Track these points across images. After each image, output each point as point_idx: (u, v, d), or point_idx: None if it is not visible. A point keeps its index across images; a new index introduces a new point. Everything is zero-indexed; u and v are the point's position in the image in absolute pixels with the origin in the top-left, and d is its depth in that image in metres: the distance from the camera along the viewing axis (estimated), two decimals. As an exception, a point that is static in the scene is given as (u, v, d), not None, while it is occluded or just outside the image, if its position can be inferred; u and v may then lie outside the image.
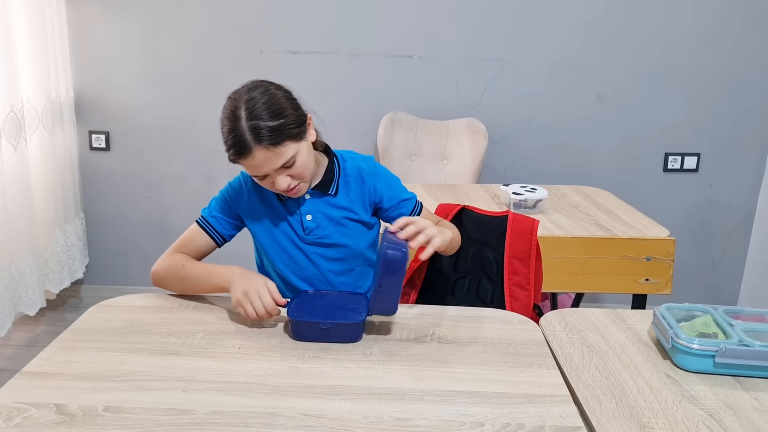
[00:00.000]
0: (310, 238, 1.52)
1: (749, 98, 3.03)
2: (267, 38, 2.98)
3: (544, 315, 1.46)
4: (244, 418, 1.04)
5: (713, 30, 2.95)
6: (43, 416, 1.03)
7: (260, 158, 1.35)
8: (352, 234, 1.54)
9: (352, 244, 1.54)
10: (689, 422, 1.06)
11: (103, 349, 1.25)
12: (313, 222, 1.51)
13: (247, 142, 1.33)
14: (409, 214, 1.58)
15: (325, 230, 1.52)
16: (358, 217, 1.54)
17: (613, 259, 2.05)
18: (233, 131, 1.35)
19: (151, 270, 1.51)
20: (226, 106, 1.40)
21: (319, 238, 1.52)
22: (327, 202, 1.52)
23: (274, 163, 1.36)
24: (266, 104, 1.36)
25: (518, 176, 3.11)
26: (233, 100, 1.39)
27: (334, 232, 1.52)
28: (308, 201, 1.51)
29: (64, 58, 2.95)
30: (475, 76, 3.02)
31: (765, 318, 1.33)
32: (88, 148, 3.12)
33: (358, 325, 1.32)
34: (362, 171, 1.55)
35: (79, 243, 3.12)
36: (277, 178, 1.39)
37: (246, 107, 1.36)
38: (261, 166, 1.36)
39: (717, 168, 3.12)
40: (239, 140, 1.34)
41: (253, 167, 1.38)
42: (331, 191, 1.52)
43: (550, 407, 1.10)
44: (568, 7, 2.94)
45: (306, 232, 1.51)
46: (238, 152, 1.35)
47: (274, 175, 1.39)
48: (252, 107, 1.35)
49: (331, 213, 1.52)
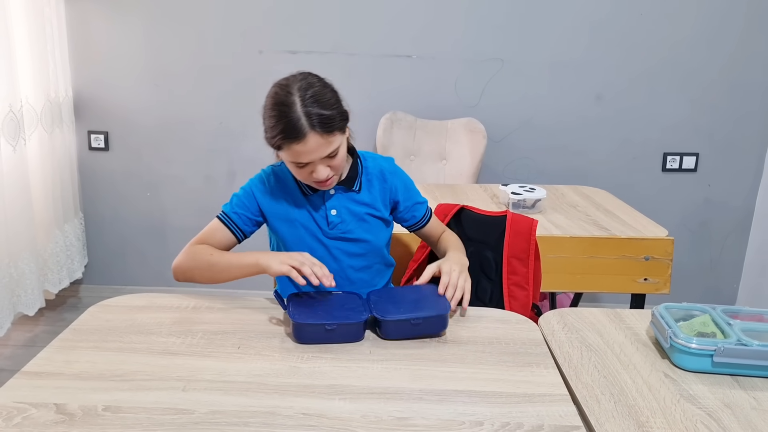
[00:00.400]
0: (333, 232, 1.55)
1: (747, 98, 3.04)
2: (266, 38, 2.99)
3: (542, 314, 1.47)
4: (243, 418, 1.04)
5: (711, 31, 2.96)
6: (43, 416, 1.03)
7: (312, 144, 1.38)
8: (373, 230, 1.59)
9: (373, 240, 1.59)
10: (687, 421, 1.06)
11: (102, 349, 1.25)
12: (337, 217, 1.55)
13: (302, 127, 1.36)
14: (420, 217, 1.66)
15: (348, 225, 1.56)
16: (379, 213, 1.59)
17: (612, 258, 2.06)
18: (286, 116, 1.37)
19: (173, 265, 1.52)
20: (274, 92, 1.42)
21: (343, 232, 1.56)
22: (351, 198, 1.56)
23: (323, 150, 1.40)
24: (320, 94, 1.40)
25: (517, 176, 3.11)
26: (284, 86, 1.41)
27: (356, 227, 1.56)
28: (333, 196, 1.55)
29: (63, 58, 2.95)
30: (474, 76, 3.02)
31: (763, 317, 1.33)
32: (87, 148, 3.12)
33: (360, 325, 1.32)
34: (384, 170, 1.60)
35: (78, 243, 3.13)
36: (319, 167, 1.43)
37: (300, 95, 1.38)
38: (311, 152, 1.39)
39: (715, 168, 3.13)
40: (294, 125, 1.36)
41: (302, 153, 1.39)
42: (355, 188, 1.56)
43: (548, 406, 1.10)
44: (567, 8, 2.94)
45: (330, 227, 1.55)
46: (290, 136, 1.37)
47: (317, 163, 1.42)
48: (306, 95, 1.38)
49: (354, 209, 1.56)
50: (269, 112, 1.41)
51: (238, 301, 1.48)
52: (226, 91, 3.04)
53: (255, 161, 3.08)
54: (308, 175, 1.45)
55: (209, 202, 3.17)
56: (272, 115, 1.40)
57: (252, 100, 3.05)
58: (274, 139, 1.40)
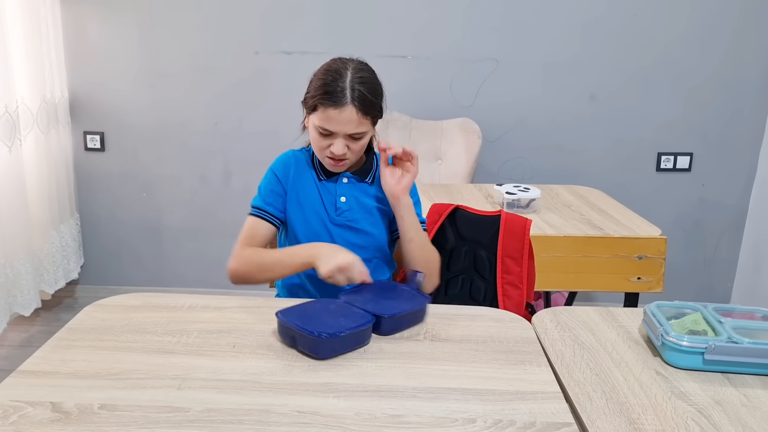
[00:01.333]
0: (339, 219, 1.60)
1: (741, 98, 3.05)
2: (261, 39, 2.99)
3: (536, 313, 1.48)
4: (238, 416, 1.05)
5: (704, 31, 2.97)
6: (39, 414, 1.04)
7: (347, 115, 1.47)
8: (378, 224, 1.64)
9: (377, 234, 1.64)
10: (678, 418, 1.07)
11: (98, 348, 1.25)
12: (345, 204, 1.60)
13: (345, 96, 1.46)
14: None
15: (355, 214, 1.61)
16: (387, 209, 1.64)
17: (606, 257, 2.07)
18: (337, 82, 1.47)
19: (228, 270, 1.56)
20: (331, 61, 1.54)
21: (349, 220, 1.61)
22: (362, 189, 1.63)
23: (352, 127, 1.49)
24: (369, 80, 1.52)
25: (512, 176, 3.12)
26: (341, 60, 1.54)
27: (363, 218, 1.61)
28: (345, 184, 1.61)
29: (58, 58, 2.95)
30: (468, 76, 3.03)
31: (754, 315, 1.34)
32: (83, 148, 3.12)
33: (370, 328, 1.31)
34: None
35: (74, 243, 3.13)
36: (338, 141, 1.50)
37: (353, 72, 1.50)
38: (342, 122, 1.47)
39: (709, 167, 3.14)
40: (338, 91, 1.46)
41: (334, 120, 1.48)
42: (368, 180, 1.63)
43: (541, 404, 1.11)
44: (561, 8, 2.95)
45: (337, 213, 1.60)
46: (331, 99, 1.46)
47: (339, 136, 1.50)
48: (358, 75, 1.49)
49: (364, 200, 1.62)
50: (319, 74, 1.51)
51: (233, 300, 1.48)
52: (222, 91, 3.05)
53: (250, 162, 3.11)
54: (326, 147, 1.52)
55: (205, 202, 3.18)
56: (321, 77, 1.49)
57: (247, 101, 3.06)
58: (314, 99, 1.49)
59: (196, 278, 3.24)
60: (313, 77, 1.54)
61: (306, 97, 1.53)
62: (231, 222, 3.10)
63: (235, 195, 3.15)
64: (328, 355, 1.24)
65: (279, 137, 3.06)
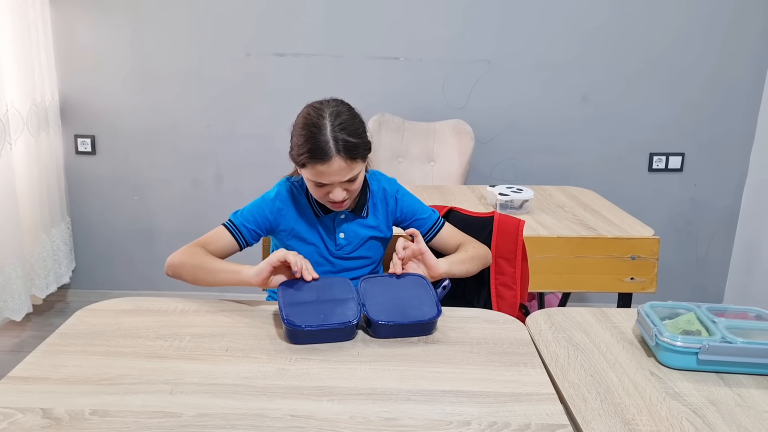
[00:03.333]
0: (339, 253, 1.65)
1: (733, 98, 3.06)
2: (253, 41, 2.98)
3: (530, 314, 1.47)
4: (231, 420, 1.04)
5: (696, 32, 2.98)
6: (30, 421, 1.03)
7: (336, 167, 1.46)
8: (374, 247, 1.69)
9: (374, 256, 1.70)
10: (673, 419, 1.07)
11: (89, 353, 1.24)
12: (345, 240, 1.64)
13: (329, 150, 1.45)
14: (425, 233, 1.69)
15: (354, 247, 1.65)
16: (382, 234, 1.69)
17: (599, 258, 2.07)
18: (315, 137, 1.46)
19: (168, 259, 1.54)
20: (306, 113, 1.51)
21: (348, 253, 1.65)
22: (359, 222, 1.65)
23: (344, 174, 1.48)
24: (350, 122, 1.49)
25: (505, 177, 3.13)
26: (317, 109, 1.50)
27: (361, 248, 1.66)
28: (343, 220, 1.63)
29: (48, 61, 2.94)
30: (461, 77, 3.03)
31: (747, 315, 1.35)
32: (74, 152, 3.11)
33: (353, 327, 1.33)
34: (387, 193, 1.68)
35: (66, 247, 3.11)
36: (336, 190, 1.51)
37: (330, 119, 1.47)
38: (332, 174, 1.47)
39: (701, 167, 3.15)
40: (322, 146, 1.45)
41: (325, 174, 1.47)
42: (363, 214, 1.65)
43: (535, 405, 1.11)
44: (553, 10, 2.96)
45: (337, 248, 1.64)
46: (316, 157, 1.45)
47: (335, 185, 1.50)
48: (337, 121, 1.47)
49: (361, 232, 1.65)
50: (300, 130, 1.49)
51: (226, 304, 1.48)
52: (213, 94, 3.04)
53: (242, 165, 3.10)
54: (324, 195, 1.53)
55: (196, 205, 3.16)
56: (302, 134, 1.48)
57: (239, 103, 3.05)
58: (300, 157, 1.48)
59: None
60: (293, 132, 1.52)
61: (291, 155, 1.52)
62: (223, 225, 3.09)
63: (227, 198, 3.14)
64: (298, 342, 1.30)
65: (271, 140, 3.06)
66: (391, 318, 1.33)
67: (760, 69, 3.03)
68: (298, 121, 1.51)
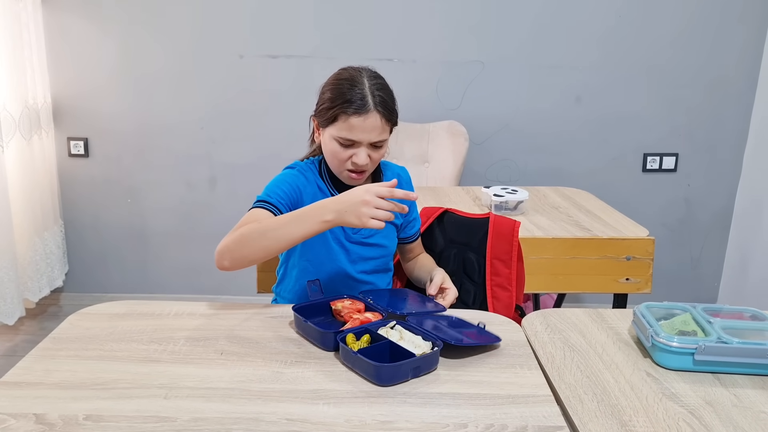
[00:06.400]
0: (356, 237, 1.59)
1: (726, 99, 3.07)
2: (246, 43, 2.98)
3: (526, 316, 1.47)
4: (226, 425, 1.03)
5: (689, 32, 2.99)
6: (22, 426, 1.02)
7: (372, 123, 1.43)
8: (390, 235, 1.64)
9: (389, 245, 1.64)
10: (670, 420, 1.07)
11: (83, 358, 1.23)
12: None
13: (368, 103, 1.43)
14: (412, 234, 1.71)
15: (370, 230, 1.58)
16: (396, 220, 1.63)
17: (594, 259, 2.07)
18: (353, 90, 1.43)
19: (217, 250, 1.39)
20: (341, 71, 1.49)
21: (365, 237, 1.59)
22: None
23: (375, 134, 1.45)
24: (386, 87, 1.49)
25: (499, 178, 3.13)
26: (351, 69, 1.49)
27: (377, 232, 1.59)
28: None
29: (41, 64, 2.92)
30: (455, 78, 3.03)
31: (743, 315, 1.35)
32: (67, 154, 3.09)
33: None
34: (401, 179, 1.65)
35: (59, 251, 3.09)
36: (361, 152, 1.46)
37: (369, 79, 1.46)
38: (366, 130, 1.43)
39: (695, 168, 3.16)
40: (362, 98, 1.43)
41: (358, 129, 1.43)
42: None
43: (532, 407, 1.10)
44: (547, 10, 2.96)
45: (353, 231, 1.58)
46: (357, 107, 1.42)
47: (362, 146, 1.46)
48: (375, 82, 1.46)
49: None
50: (333, 84, 1.46)
51: (220, 307, 1.47)
52: (206, 96, 3.03)
53: (236, 166, 3.09)
54: (347, 158, 1.47)
55: (190, 207, 3.15)
56: (337, 86, 1.45)
57: (233, 105, 3.04)
58: (333, 109, 1.44)
59: (182, 284, 3.22)
60: (323, 88, 1.48)
61: (321, 109, 1.47)
62: (217, 227, 3.07)
63: (221, 200, 3.13)
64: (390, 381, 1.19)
65: (265, 141, 3.05)
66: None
67: (752, 70, 3.04)
68: (331, 78, 1.49)
